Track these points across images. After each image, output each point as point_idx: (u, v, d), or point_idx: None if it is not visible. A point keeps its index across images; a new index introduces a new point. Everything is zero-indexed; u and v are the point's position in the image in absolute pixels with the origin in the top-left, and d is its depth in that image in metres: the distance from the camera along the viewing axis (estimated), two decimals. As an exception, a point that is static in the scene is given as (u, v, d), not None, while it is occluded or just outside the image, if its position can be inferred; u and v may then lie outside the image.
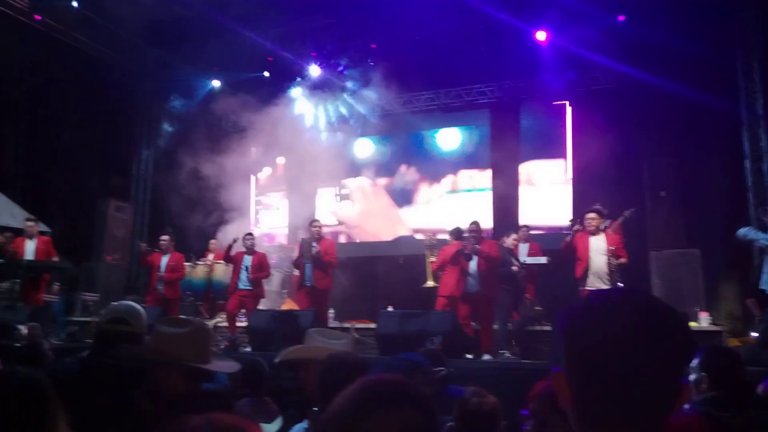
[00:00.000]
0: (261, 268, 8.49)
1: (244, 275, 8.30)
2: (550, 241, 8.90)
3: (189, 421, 0.90)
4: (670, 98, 8.69)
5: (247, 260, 8.39)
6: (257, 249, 8.71)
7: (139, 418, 2.02)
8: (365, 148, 11.97)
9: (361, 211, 11.78)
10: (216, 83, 11.51)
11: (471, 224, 7.47)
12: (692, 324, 7.36)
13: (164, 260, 8.78)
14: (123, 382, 2.15)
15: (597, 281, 6.88)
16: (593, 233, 7.00)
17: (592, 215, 7.09)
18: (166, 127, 11.90)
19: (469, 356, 6.95)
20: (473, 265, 7.28)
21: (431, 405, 1.13)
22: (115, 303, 2.71)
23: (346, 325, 8.73)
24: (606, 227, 7.85)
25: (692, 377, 2.92)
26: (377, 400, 1.08)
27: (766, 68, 8.37)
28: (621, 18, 8.87)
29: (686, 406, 2.92)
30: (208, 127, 11.19)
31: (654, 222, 8.67)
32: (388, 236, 11.42)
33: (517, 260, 7.93)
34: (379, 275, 10.77)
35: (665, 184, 8.75)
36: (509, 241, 8.39)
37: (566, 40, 9.19)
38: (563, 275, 7.61)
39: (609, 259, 6.90)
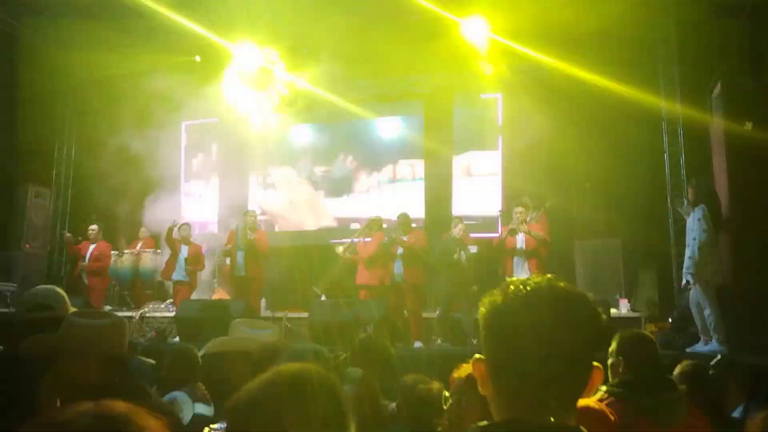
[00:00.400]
0: (197, 261, 8.37)
1: (182, 265, 8.18)
2: (483, 230, 9.11)
3: (75, 408, 0.87)
4: (596, 94, 8.99)
5: (184, 251, 8.25)
6: (193, 240, 8.60)
7: (40, 409, 1.95)
8: (303, 135, 11.82)
9: (285, 200, 11.63)
10: (144, 65, 11.07)
11: (398, 217, 7.67)
12: (613, 311, 7.70)
13: (91, 249, 8.54)
14: (23, 373, 2.07)
15: (524, 274, 7.13)
16: (519, 227, 7.22)
17: (519, 209, 7.31)
18: (91, 110, 11.36)
19: (399, 344, 7.03)
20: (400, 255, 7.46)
21: (339, 392, 1.16)
22: (33, 289, 2.60)
23: (279, 314, 8.66)
24: (532, 218, 8.11)
25: (610, 361, 3.05)
26: (287, 388, 1.09)
27: (684, 68, 8.77)
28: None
29: (603, 388, 3.05)
30: (137, 111, 10.76)
31: (579, 212, 8.99)
32: (311, 226, 11.35)
33: (466, 249, 8.00)
34: (313, 265, 10.69)
35: (590, 176, 9.08)
36: (456, 230, 8.43)
37: (498, 33, 9.36)
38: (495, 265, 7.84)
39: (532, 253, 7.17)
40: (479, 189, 10.74)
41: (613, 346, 3.05)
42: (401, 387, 3.34)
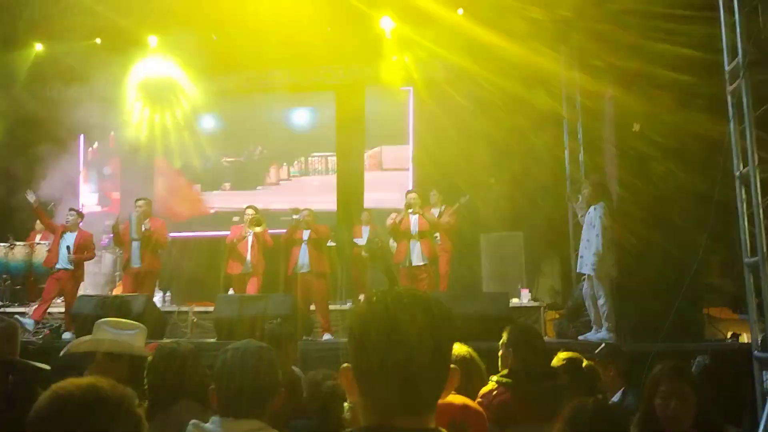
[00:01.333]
0: (85, 248, 7.91)
1: (64, 253, 7.69)
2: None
3: None
4: (500, 89, 9.29)
5: (69, 238, 7.77)
6: (84, 228, 8.12)
7: None
8: (211, 125, 11.51)
9: (166, 189, 11.32)
10: (38, 47, 10.44)
11: (304, 210, 7.76)
12: (514, 300, 8.03)
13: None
14: None
15: (417, 259, 7.34)
16: (414, 213, 7.38)
17: (412, 195, 7.49)
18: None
19: (307, 337, 7.04)
20: (304, 247, 7.52)
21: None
22: None
23: (185, 308, 8.45)
24: (441, 212, 8.34)
25: (500, 352, 3.20)
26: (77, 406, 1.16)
27: (584, 65, 9.20)
28: (460, 11, 9.28)
29: (493, 378, 3.20)
30: (30, 95, 10.14)
31: (484, 206, 9.29)
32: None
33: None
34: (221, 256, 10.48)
35: (494, 170, 9.40)
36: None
37: (408, 28, 9.49)
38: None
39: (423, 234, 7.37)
40: (390, 182, 10.88)
41: (504, 337, 3.20)
42: (308, 382, 3.38)
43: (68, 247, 7.69)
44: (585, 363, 3.46)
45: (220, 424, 1.95)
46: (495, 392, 2.96)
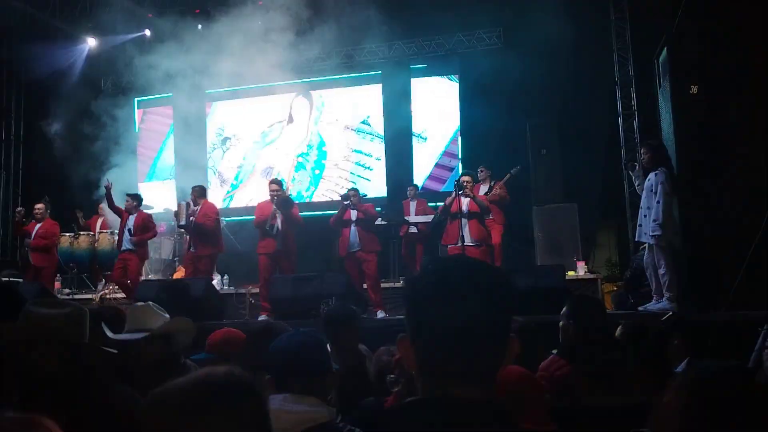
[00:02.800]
0: (146, 228, 8.16)
1: (126, 236, 7.99)
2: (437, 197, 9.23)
3: None
4: (551, 59, 9.06)
5: (130, 221, 8.05)
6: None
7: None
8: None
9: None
10: (92, 42, 10.74)
11: (349, 190, 7.77)
12: (570, 273, 7.88)
13: (36, 228, 8.38)
14: None
15: (468, 240, 7.26)
16: (467, 195, 7.30)
17: (466, 178, 7.39)
18: (39, 90, 10.99)
19: (363, 316, 7.08)
20: (353, 227, 7.53)
21: (263, 398, 1.15)
22: None
23: (242, 290, 8.64)
24: (492, 186, 8.22)
25: (561, 323, 3.15)
26: (212, 397, 1.07)
27: (636, 32, 8.88)
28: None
29: (554, 351, 3.15)
30: (86, 89, 10.46)
31: (536, 178, 9.12)
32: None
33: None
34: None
35: (546, 142, 9.19)
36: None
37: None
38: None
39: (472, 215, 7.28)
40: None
41: (564, 309, 3.15)
42: (374, 360, 3.41)
43: (129, 230, 7.97)
44: (648, 333, 3.37)
45: (282, 400, 1.98)
46: (556, 365, 2.92)
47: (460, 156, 10.68)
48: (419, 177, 10.64)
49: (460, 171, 9.70)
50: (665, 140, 6.86)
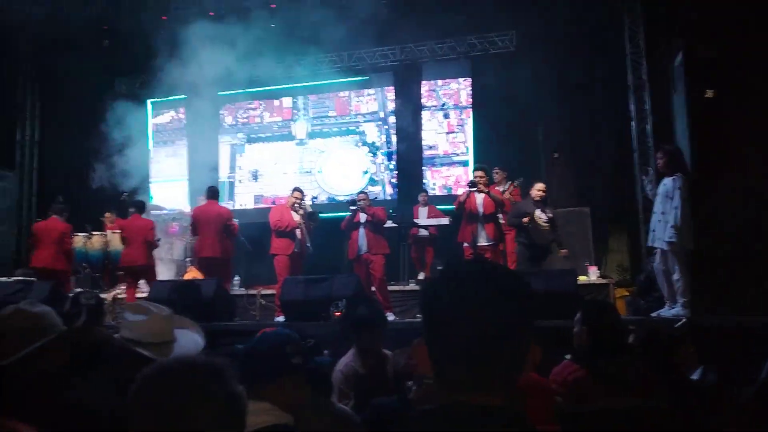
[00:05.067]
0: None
1: None
2: (448, 202, 9.19)
3: None
4: (563, 62, 9.03)
5: None
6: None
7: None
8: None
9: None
10: (105, 42, 10.81)
11: (358, 194, 7.79)
12: (582, 278, 7.83)
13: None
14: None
15: (483, 240, 7.23)
16: (480, 191, 7.27)
17: (479, 173, 7.37)
18: (54, 91, 11.07)
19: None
20: (361, 230, 7.59)
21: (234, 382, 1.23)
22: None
23: (252, 291, 8.66)
24: (505, 190, 8.20)
25: (575, 329, 3.13)
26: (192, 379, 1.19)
27: (649, 34, 8.82)
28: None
29: (567, 356, 3.12)
30: (100, 88, 10.54)
31: (548, 182, 9.06)
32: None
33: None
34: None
35: (558, 145, 9.15)
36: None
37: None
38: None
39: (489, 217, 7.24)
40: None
41: (578, 314, 3.12)
42: (392, 362, 3.40)
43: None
44: (660, 339, 3.35)
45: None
46: (569, 369, 2.90)
47: (472, 159, 10.64)
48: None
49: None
50: (679, 144, 6.81)
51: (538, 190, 7.21)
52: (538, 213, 7.12)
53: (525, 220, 7.05)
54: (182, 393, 1.17)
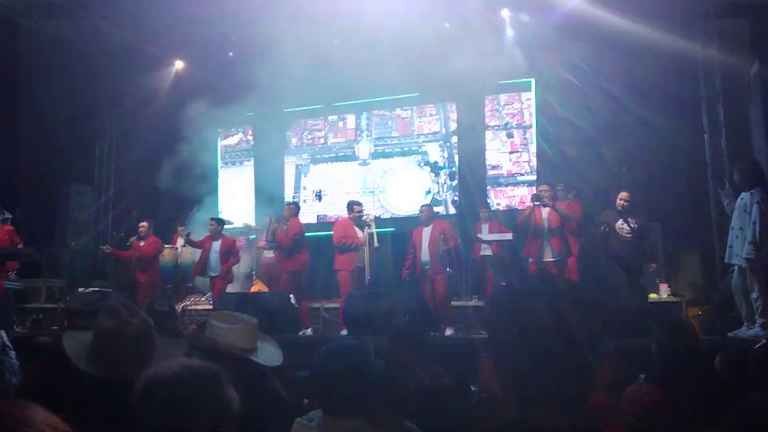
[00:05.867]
0: (229, 253, 8.51)
1: (214, 262, 8.36)
2: (511, 218, 9.08)
3: None
4: (630, 75, 8.80)
5: (216, 246, 8.41)
6: (224, 234, 8.76)
7: None
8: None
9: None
10: (179, 65, 11.28)
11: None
12: (653, 296, 7.57)
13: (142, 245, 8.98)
14: None
15: (548, 255, 7.09)
16: (545, 205, 7.16)
17: (543, 186, 7.26)
18: (129, 110, 11.61)
19: (434, 333, 7.05)
20: (425, 245, 7.61)
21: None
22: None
23: (316, 305, 8.77)
24: (568, 201, 8.05)
25: (652, 347, 3.02)
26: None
27: (724, 44, 8.51)
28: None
29: (642, 376, 3.02)
30: (173, 109, 10.97)
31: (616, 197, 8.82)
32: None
33: None
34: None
35: (626, 159, 8.92)
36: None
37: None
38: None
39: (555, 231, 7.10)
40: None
41: (656, 332, 3.02)
42: (415, 378, 3.28)
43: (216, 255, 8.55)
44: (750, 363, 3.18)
45: (322, 419, 1.97)
46: (644, 390, 2.80)
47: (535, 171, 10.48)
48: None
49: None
50: (757, 157, 6.52)
51: (620, 199, 6.99)
52: (619, 223, 6.88)
53: (602, 228, 6.81)
54: (184, 396, 1.24)
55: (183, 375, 1.27)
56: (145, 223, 9.38)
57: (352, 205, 8.20)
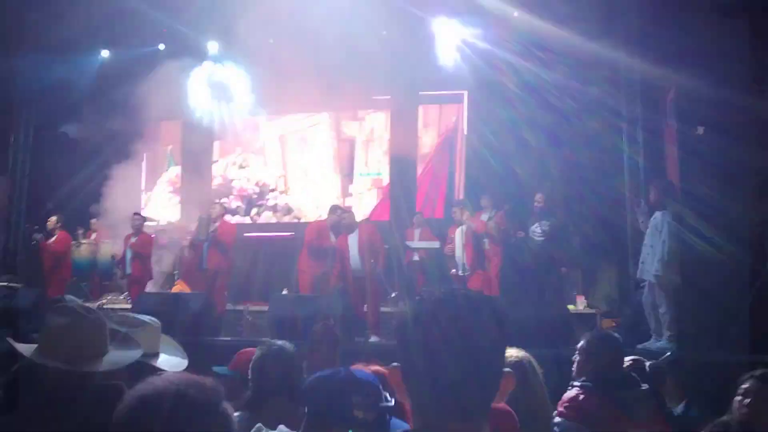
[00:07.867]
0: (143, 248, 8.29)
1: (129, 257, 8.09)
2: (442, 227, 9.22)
3: None
4: (569, 87, 9.09)
5: (135, 242, 8.15)
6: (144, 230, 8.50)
7: None
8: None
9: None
10: (105, 54, 10.85)
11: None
12: (570, 307, 7.86)
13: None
14: None
15: (462, 269, 7.32)
16: (459, 224, 7.39)
17: (455, 209, 7.50)
18: (47, 98, 11.05)
19: (359, 339, 7.07)
20: (355, 248, 7.58)
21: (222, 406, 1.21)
22: None
23: (240, 307, 8.61)
24: (491, 216, 8.25)
25: (577, 358, 3.15)
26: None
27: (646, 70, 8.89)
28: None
29: (576, 383, 3.12)
30: (95, 99, 10.54)
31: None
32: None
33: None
34: (277, 257, 10.58)
35: (548, 175, 9.23)
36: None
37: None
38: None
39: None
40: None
41: (581, 344, 3.14)
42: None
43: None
44: (647, 371, 3.36)
45: None
46: (582, 396, 2.89)
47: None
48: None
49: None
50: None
51: (536, 201, 7.22)
52: (534, 227, 7.08)
53: (520, 233, 7.02)
54: (178, 411, 1.16)
55: (174, 389, 1.18)
56: (53, 218, 8.98)
57: (335, 209, 8.10)
